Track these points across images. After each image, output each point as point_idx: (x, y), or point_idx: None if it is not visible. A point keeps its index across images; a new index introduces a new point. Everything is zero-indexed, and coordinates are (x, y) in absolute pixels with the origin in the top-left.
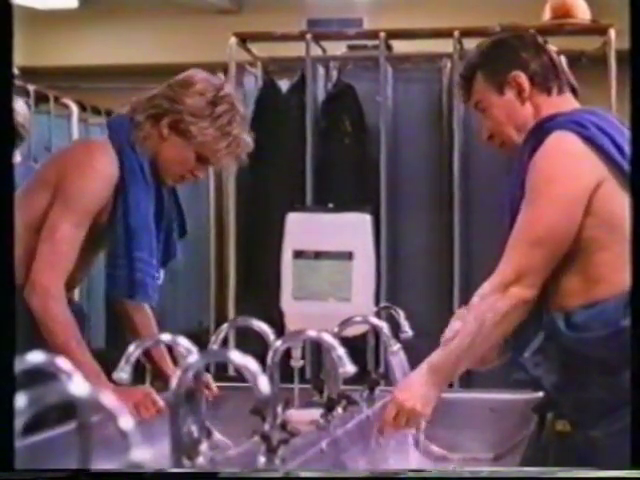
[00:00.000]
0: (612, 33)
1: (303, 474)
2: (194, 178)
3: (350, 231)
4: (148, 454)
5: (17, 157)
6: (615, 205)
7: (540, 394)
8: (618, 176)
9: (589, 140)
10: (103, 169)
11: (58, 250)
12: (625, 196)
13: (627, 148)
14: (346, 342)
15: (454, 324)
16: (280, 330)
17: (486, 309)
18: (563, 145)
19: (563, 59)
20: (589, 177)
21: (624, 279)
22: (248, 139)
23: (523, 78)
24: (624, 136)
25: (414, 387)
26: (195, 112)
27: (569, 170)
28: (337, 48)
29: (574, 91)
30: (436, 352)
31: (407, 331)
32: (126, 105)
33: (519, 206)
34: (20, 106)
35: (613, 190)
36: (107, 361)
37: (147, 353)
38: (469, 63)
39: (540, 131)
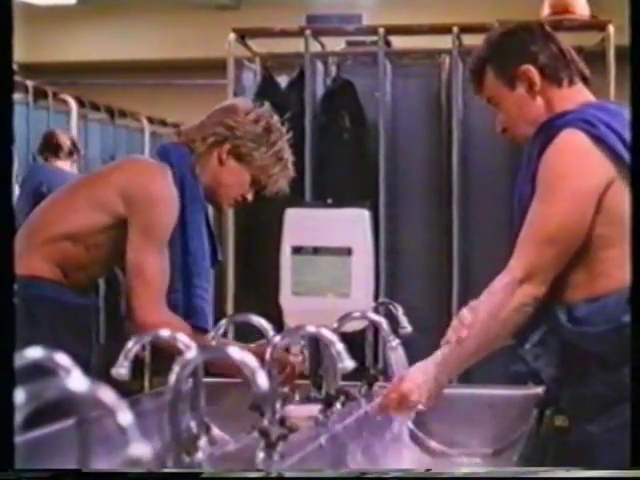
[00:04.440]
0: (611, 29)
1: (287, 474)
2: (244, 201)
3: (349, 227)
4: (147, 449)
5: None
6: (624, 203)
7: (538, 390)
8: (627, 175)
9: (598, 139)
10: (173, 196)
11: (153, 285)
12: None
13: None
14: (345, 338)
15: (456, 325)
16: (279, 326)
17: (497, 306)
18: (573, 143)
19: None
20: (599, 176)
21: (627, 275)
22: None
23: (533, 72)
24: None
25: (420, 380)
26: (254, 138)
27: (579, 168)
28: (336, 44)
29: (585, 80)
30: (445, 347)
31: (406, 327)
32: (173, 134)
33: (528, 202)
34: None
35: (622, 189)
36: (106, 357)
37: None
38: (478, 57)
39: (549, 128)
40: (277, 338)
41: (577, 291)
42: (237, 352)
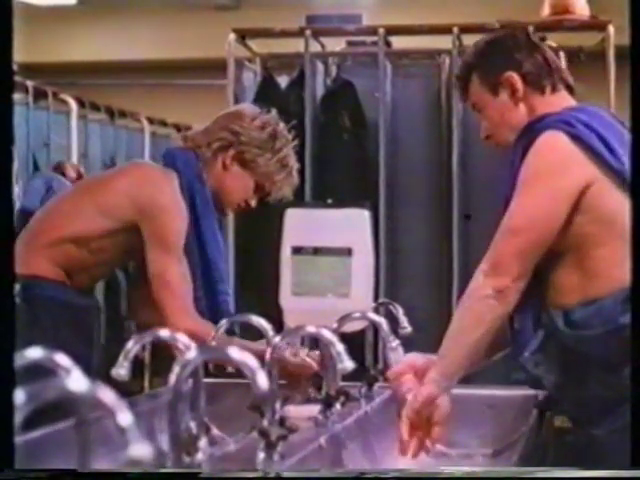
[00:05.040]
0: (611, 29)
1: (285, 474)
2: (247, 207)
3: (349, 227)
4: (147, 450)
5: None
6: (608, 202)
7: (538, 391)
8: (608, 174)
9: (577, 139)
10: (180, 202)
11: (179, 293)
12: (617, 192)
13: (617, 145)
14: (345, 338)
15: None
16: (279, 326)
17: (464, 297)
18: (553, 144)
19: (562, 55)
20: (577, 175)
21: (621, 275)
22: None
23: (516, 79)
24: (615, 132)
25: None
26: (259, 145)
27: (556, 167)
28: (336, 44)
29: (569, 88)
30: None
31: (406, 327)
32: (180, 138)
33: None
34: None
35: (605, 188)
36: (106, 357)
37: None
38: (464, 63)
39: (530, 133)
40: (277, 338)
41: (572, 295)
42: (237, 352)
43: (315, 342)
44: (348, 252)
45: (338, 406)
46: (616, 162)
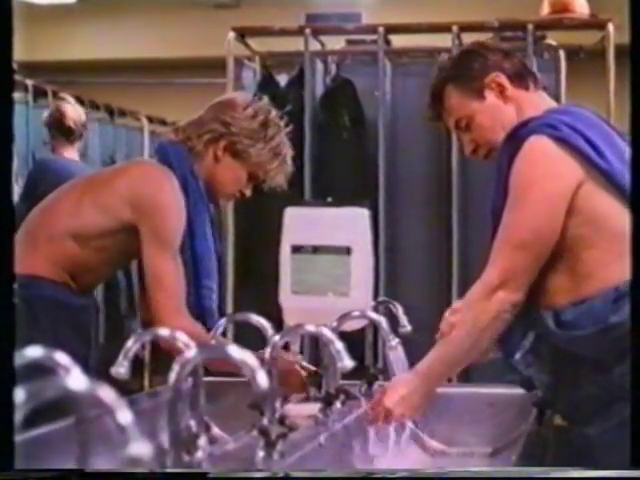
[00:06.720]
0: (611, 27)
1: (294, 474)
2: (242, 196)
3: (348, 226)
4: (147, 448)
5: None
6: (597, 203)
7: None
8: (596, 174)
9: (563, 141)
10: (180, 202)
11: (172, 292)
12: (605, 193)
13: (602, 144)
14: (344, 337)
15: (450, 319)
16: (278, 325)
17: (475, 315)
18: (539, 149)
19: (562, 54)
20: (568, 178)
21: (611, 275)
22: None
23: (502, 77)
24: (600, 132)
25: (403, 394)
26: (251, 135)
27: (547, 172)
28: (336, 43)
29: (545, 89)
30: (426, 358)
31: (406, 326)
32: (171, 131)
33: (501, 214)
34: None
35: (593, 188)
36: (106, 356)
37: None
38: (438, 80)
39: (515, 139)
40: (276, 337)
41: (563, 295)
42: (237, 351)
43: (315, 341)
44: (347, 251)
45: (338, 404)
46: (603, 162)
